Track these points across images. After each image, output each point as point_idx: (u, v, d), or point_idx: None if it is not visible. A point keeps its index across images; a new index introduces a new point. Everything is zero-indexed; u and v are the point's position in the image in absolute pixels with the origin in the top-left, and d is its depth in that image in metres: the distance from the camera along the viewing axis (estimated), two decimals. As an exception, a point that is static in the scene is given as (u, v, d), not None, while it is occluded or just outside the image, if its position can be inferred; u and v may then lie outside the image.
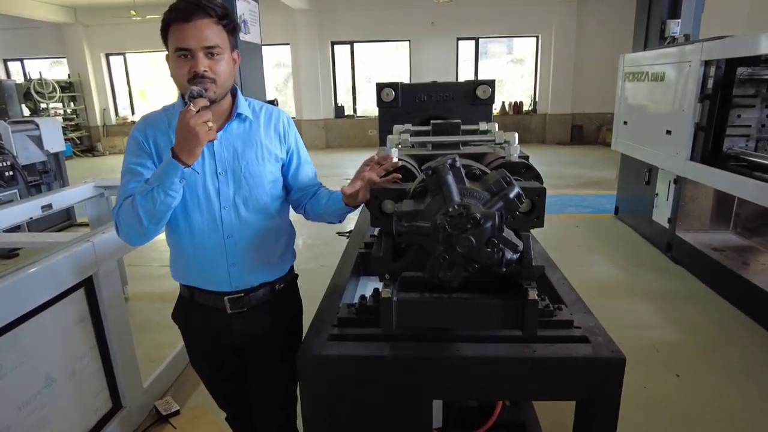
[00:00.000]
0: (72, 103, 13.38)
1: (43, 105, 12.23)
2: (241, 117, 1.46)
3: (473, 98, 2.27)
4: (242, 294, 1.50)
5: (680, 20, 5.14)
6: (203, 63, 1.30)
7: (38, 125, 5.52)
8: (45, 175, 5.61)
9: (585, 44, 12.09)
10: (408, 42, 12.68)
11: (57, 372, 1.98)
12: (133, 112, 14.24)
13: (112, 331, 2.27)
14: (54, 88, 12.38)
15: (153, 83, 14.38)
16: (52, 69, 13.94)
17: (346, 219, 1.59)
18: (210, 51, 1.31)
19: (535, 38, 12.59)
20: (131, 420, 2.40)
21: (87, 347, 2.17)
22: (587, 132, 12.59)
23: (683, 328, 3.38)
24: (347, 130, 13.21)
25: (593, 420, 1.27)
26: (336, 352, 1.27)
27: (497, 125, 1.71)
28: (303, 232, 1.50)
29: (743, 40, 3.56)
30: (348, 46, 12.97)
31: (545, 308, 1.33)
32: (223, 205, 1.43)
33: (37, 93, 11.91)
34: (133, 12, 11.27)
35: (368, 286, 1.92)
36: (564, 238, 5.29)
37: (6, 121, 5.24)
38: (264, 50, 4.26)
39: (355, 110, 13.46)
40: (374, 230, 2.07)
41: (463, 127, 1.73)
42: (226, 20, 1.35)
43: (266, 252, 1.51)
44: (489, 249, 1.02)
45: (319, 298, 1.61)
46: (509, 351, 1.25)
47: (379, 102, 2.32)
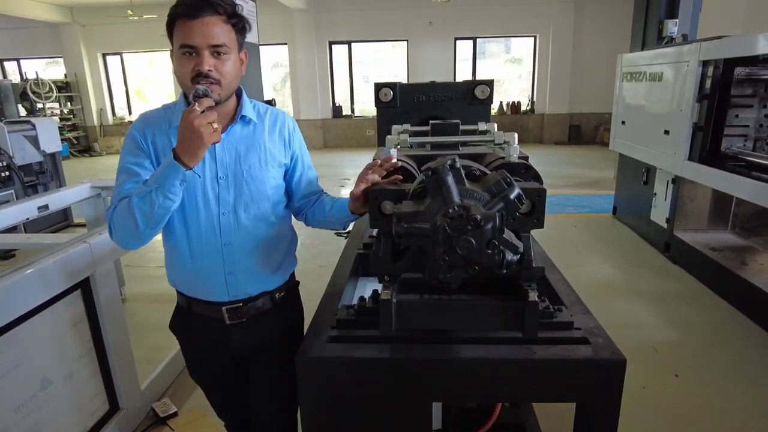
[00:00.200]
0: (69, 103, 13.34)
1: (40, 105, 12.19)
2: (245, 119, 1.41)
3: (472, 98, 2.26)
4: (241, 304, 1.45)
5: (678, 20, 5.15)
6: (208, 62, 1.25)
7: (35, 125, 5.50)
8: (41, 176, 5.58)
9: (583, 44, 12.10)
10: (406, 42, 12.67)
11: (53, 374, 1.96)
12: (130, 112, 14.20)
13: (109, 333, 2.25)
14: (51, 88, 12.33)
15: (150, 83, 14.34)
16: (49, 69, 13.90)
17: (346, 219, 1.57)
18: (216, 50, 1.25)
19: (533, 38, 12.60)
20: (128, 422, 2.39)
21: (84, 349, 2.15)
22: (585, 132, 12.61)
23: (682, 328, 3.38)
24: (345, 130, 13.20)
25: (593, 422, 1.27)
26: (335, 354, 1.26)
27: (496, 125, 1.71)
28: (301, 233, 1.50)
29: (741, 40, 3.56)
30: (346, 46, 12.96)
31: (545, 309, 1.33)
32: (222, 211, 1.37)
33: (34, 93, 11.86)
34: (130, 12, 11.23)
35: (367, 287, 1.92)
36: (562, 238, 5.29)
37: (2, 122, 5.22)
38: (261, 50, 4.26)
39: (353, 110, 13.46)
40: (373, 231, 2.06)
41: (462, 128, 1.73)
42: (236, 19, 1.29)
43: (266, 260, 1.46)
44: (489, 251, 1.01)
45: (318, 299, 1.60)
46: (509, 353, 1.24)
47: (378, 102, 2.31)
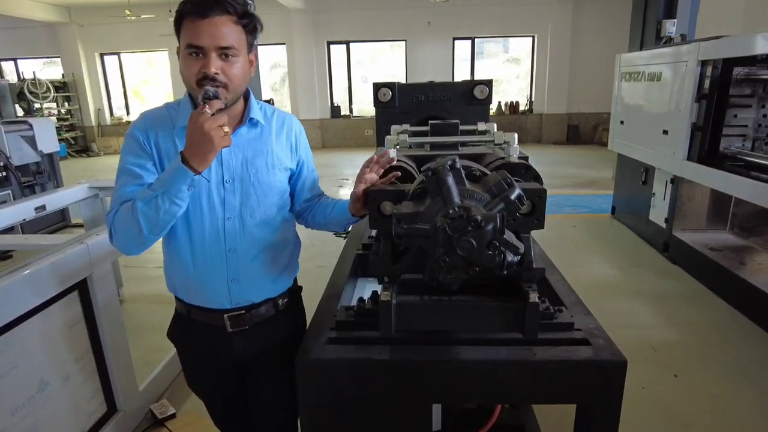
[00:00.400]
0: (66, 103, 13.30)
1: (37, 105, 12.14)
2: (253, 122, 1.37)
3: (470, 98, 2.26)
4: (243, 311, 1.40)
5: (676, 20, 5.15)
6: (215, 64, 1.20)
7: (32, 125, 5.48)
8: (39, 176, 5.56)
9: (581, 44, 12.11)
10: (404, 42, 12.67)
11: (51, 376, 1.95)
12: (128, 112, 14.17)
13: (107, 335, 2.24)
14: (48, 88, 12.30)
15: (148, 83, 14.32)
16: (46, 69, 13.86)
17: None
18: (224, 52, 1.21)
19: (531, 38, 12.60)
20: (126, 424, 2.38)
21: (81, 350, 2.14)
22: (583, 132, 12.62)
23: (681, 328, 3.38)
24: (343, 130, 13.19)
25: (594, 423, 1.26)
26: (334, 356, 1.26)
27: (495, 125, 1.70)
28: (300, 233, 1.50)
29: (740, 40, 3.57)
30: (344, 46, 12.95)
31: (545, 310, 1.32)
32: (228, 215, 1.33)
33: (31, 93, 11.82)
34: (128, 12, 11.21)
35: (366, 288, 1.91)
36: (561, 238, 5.29)
37: (-1, 122, 5.20)
38: (260, 50, 4.24)
39: (352, 110, 13.45)
40: (372, 231, 2.05)
41: (462, 128, 1.72)
42: (247, 19, 1.25)
43: (270, 266, 1.42)
44: (490, 252, 1.01)
45: (317, 300, 1.59)
46: (509, 354, 1.24)
47: (376, 102, 2.31)
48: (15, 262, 1.91)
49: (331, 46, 12.95)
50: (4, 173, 5.01)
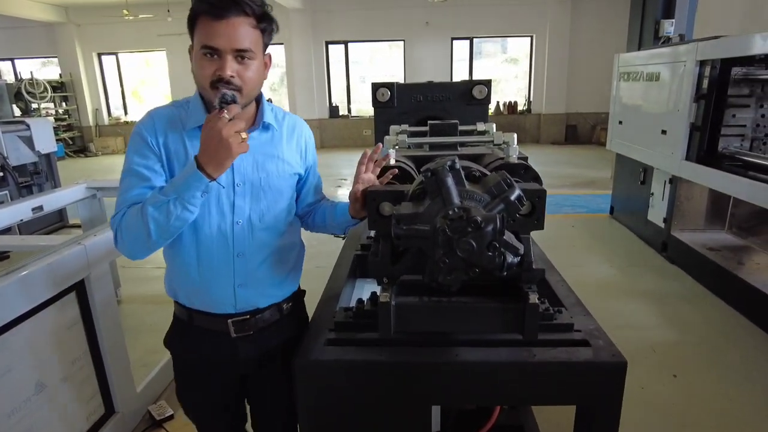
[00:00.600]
0: (64, 103, 13.27)
1: (35, 105, 12.11)
2: (266, 126, 1.34)
3: (469, 98, 2.25)
4: (248, 316, 1.37)
5: (674, 20, 5.16)
6: (231, 67, 1.17)
7: (29, 126, 5.45)
8: (36, 176, 5.54)
9: (579, 44, 12.12)
10: (402, 42, 12.66)
11: (48, 378, 1.94)
12: (126, 113, 14.14)
13: (105, 336, 2.23)
14: (45, 88, 12.26)
15: (146, 83, 14.29)
16: (44, 69, 13.81)
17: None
18: (240, 54, 1.17)
19: (530, 38, 12.61)
20: (125, 425, 2.37)
21: (79, 352, 2.13)
22: (582, 132, 12.63)
23: (679, 328, 3.38)
24: (342, 130, 13.18)
25: (594, 424, 1.26)
26: (333, 357, 1.25)
27: (495, 125, 1.70)
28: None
29: (738, 40, 3.57)
30: (342, 46, 12.94)
31: (545, 311, 1.32)
32: (237, 219, 1.30)
33: (28, 93, 11.79)
34: (126, 11, 11.19)
35: (365, 289, 1.91)
36: (560, 238, 5.28)
37: (-4, 122, 5.18)
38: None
39: (350, 110, 13.44)
40: (371, 232, 2.04)
41: (461, 128, 1.72)
42: (265, 23, 1.22)
43: (276, 271, 1.40)
44: (490, 253, 1.00)
45: (316, 300, 1.58)
46: (509, 355, 1.23)
47: (375, 102, 2.30)
48: (12, 263, 1.90)
49: (330, 46, 12.94)
50: (2, 173, 4.99)
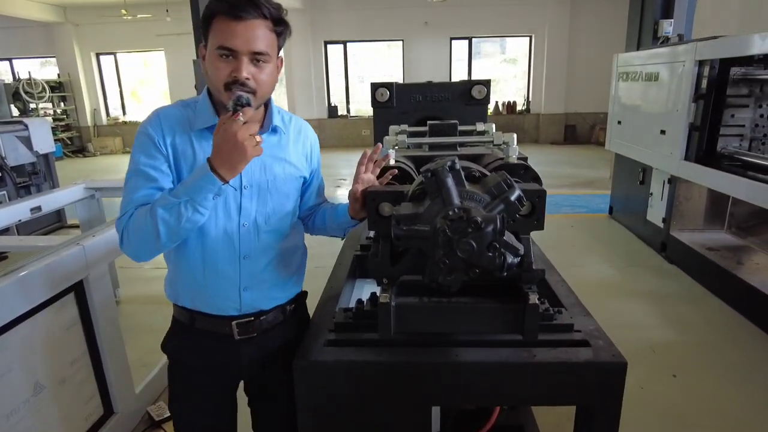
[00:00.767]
0: (62, 103, 13.25)
1: (33, 105, 12.10)
2: (275, 129, 1.34)
3: (468, 98, 2.25)
4: (252, 318, 1.36)
5: (673, 20, 5.16)
6: (247, 69, 1.16)
7: (27, 126, 5.44)
8: (34, 177, 5.53)
9: (578, 44, 12.13)
10: (401, 42, 12.66)
11: (46, 379, 1.93)
12: (125, 113, 14.13)
13: (104, 336, 2.22)
14: (43, 88, 12.25)
15: (144, 83, 14.27)
16: (44, 69, 13.78)
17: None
18: (256, 57, 1.17)
19: (529, 38, 12.62)
20: (124, 426, 2.36)
21: (77, 353, 2.12)
22: (580, 132, 12.64)
23: (679, 328, 3.38)
24: (341, 130, 13.17)
25: (594, 425, 1.25)
26: (333, 358, 1.25)
27: (494, 126, 1.69)
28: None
29: (737, 40, 3.57)
30: (341, 46, 12.93)
31: (545, 312, 1.32)
32: (243, 222, 1.29)
33: (27, 93, 11.77)
34: (124, 11, 11.18)
35: (364, 290, 1.90)
36: (559, 238, 5.29)
37: (-6, 122, 5.17)
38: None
39: (349, 110, 13.44)
40: (370, 232, 2.04)
41: (460, 128, 1.71)
42: (281, 27, 1.21)
43: (281, 274, 1.39)
44: (490, 253, 1.00)
45: (315, 301, 1.58)
46: (509, 356, 1.23)
47: (374, 102, 2.30)
48: (9, 264, 1.89)
49: (329, 46, 12.94)
50: (0, 174, 4.98)
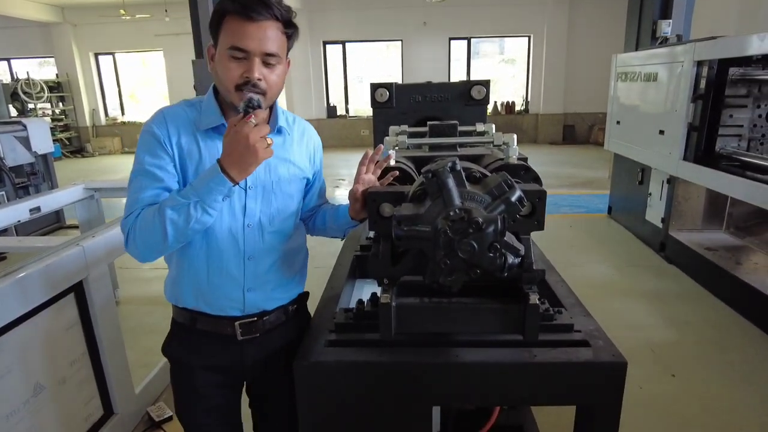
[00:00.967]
0: (60, 104, 13.23)
1: (31, 105, 12.08)
2: (279, 130, 1.34)
3: (468, 99, 2.25)
4: (255, 318, 1.35)
5: (671, 20, 5.17)
6: (259, 70, 1.16)
7: (26, 126, 5.44)
8: (33, 177, 5.53)
9: (577, 44, 12.15)
10: (400, 42, 12.66)
11: (46, 379, 1.93)
12: (123, 113, 14.11)
13: (104, 337, 2.22)
14: (42, 88, 12.22)
15: (143, 83, 14.25)
16: (43, 69, 13.76)
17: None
18: (268, 58, 1.18)
19: (527, 38, 12.63)
20: (123, 427, 2.36)
21: (77, 354, 2.12)
22: (579, 132, 12.65)
23: (678, 328, 3.39)
24: (339, 130, 13.18)
25: (594, 425, 1.26)
26: (334, 359, 1.25)
27: (494, 126, 1.70)
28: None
29: (735, 41, 3.58)
30: (340, 46, 12.94)
31: (545, 312, 1.32)
32: (248, 222, 1.29)
33: (25, 93, 11.75)
34: (122, 11, 11.17)
35: (364, 290, 1.90)
36: (558, 238, 5.29)
37: (-7, 122, 5.16)
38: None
39: (348, 110, 13.44)
40: (369, 232, 2.04)
41: (460, 129, 1.71)
42: (292, 29, 1.22)
43: (284, 275, 1.39)
44: (491, 254, 1.00)
45: (316, 301, 1.58)
46: (510, 356, 1.23)
47: (374, 102, 2.30)
48: (8, 265, 1.89)
49: (327, 46, 12.94)
50: (-2, 174, 4.98)
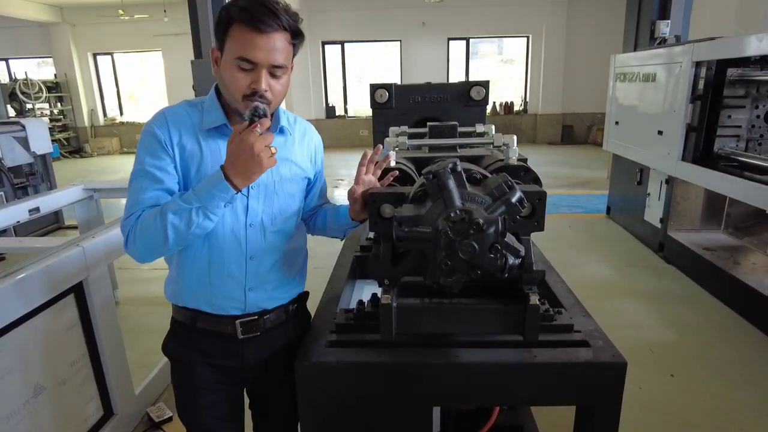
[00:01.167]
0: (59, 104, 13.21)
1: (29, 105, 12.06)
2: (281, 130, 1.34)
3: (467, 99, 2.25)
4: (255, 317, 1.36)
5: (670, 21, 5.18)
6: (266, 82, 1.18)
7: (24, 126, 5.43)
8: (32, 178, 5.52)
9: (575, 44, 12.16)
10: (399, 42, 12.67)
11: (46, 380, 1.93)
12: (122, 113, 14.09)
13: (103, 338, 2.22)
14: (40, 89, 12.21)
15: (142, 83, 14.23)
16: (42, 69, 13.73)
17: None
18: (275, 69, 1.19)
19: (526, 38, 12.64)
20: (123, 428, 2.36)
21: (77, 354, 2.12)
22: (578, 132, 12.67)
23: (676, 328, 3.40)
24: (338, 131, 13.17)
25: (594, 425, 1.26)
26: (334, 359, 1.25)
27: (494, 127, 1.70)
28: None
29: (734, 42, 3.59)
30: (339, 46, 12.94)
31: (545, 312, 1.32)
32: (250, 222, 1.29)
33: (23, 93, 11.74)
34: (121, 11, 11.16)
35: (365, 290, 1.91)
36: (557, 238, 5.30)
37: (-9, 123, 5.16)
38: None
39: (346, 110, 13.44)
40: (369, 233, 2.04)
41: (460, 129, 1.72)
42: (299, 39, 1.23)
43: (285, 274, 1.40)
44: (492, 255, 1.00)
45: (316, 301, 1.58)
46: (510, 356, 1.24)
47: (373, 103, 2.30)
48: (8, 265, 1.89)
49: (326, 46, 12.94)
50: (-3, 175, 4.97)
